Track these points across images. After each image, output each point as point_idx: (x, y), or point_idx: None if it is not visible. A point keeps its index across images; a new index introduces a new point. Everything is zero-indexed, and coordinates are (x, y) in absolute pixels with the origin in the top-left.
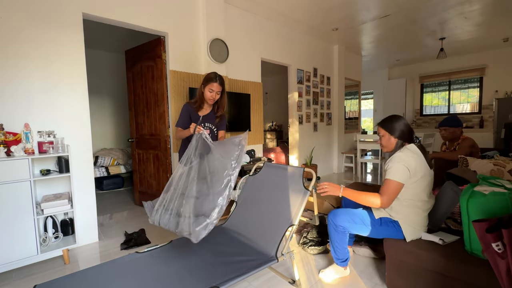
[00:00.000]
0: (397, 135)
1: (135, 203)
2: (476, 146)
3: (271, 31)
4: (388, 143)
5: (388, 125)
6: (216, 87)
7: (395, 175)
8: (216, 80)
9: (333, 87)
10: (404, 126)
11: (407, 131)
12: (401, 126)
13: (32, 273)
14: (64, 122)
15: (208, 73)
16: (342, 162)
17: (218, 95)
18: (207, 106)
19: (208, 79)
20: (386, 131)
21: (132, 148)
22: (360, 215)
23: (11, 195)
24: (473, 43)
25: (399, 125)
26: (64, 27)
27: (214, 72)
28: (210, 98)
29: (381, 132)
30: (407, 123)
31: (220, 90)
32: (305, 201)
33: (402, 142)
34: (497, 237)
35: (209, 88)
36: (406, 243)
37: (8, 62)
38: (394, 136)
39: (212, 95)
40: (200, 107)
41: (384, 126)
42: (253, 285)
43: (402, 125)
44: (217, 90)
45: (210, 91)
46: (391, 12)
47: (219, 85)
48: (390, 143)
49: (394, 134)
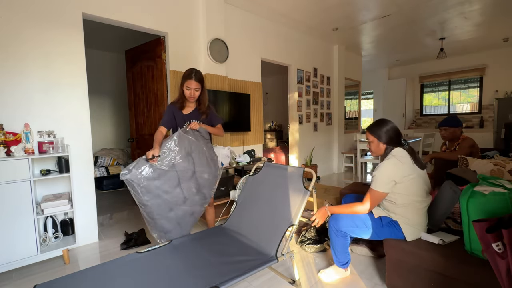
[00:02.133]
0: (385, 141)
1: (135, 203)
2: (476, 146)
3: (271, 31)
4: (378, 149)
5: (377, 131)
6: (194, 84)
7: (378, 185)
8: (192, 77)
9: (333, 87)
10: (392, 131)
11: (395, 135)
12: (389, 132)
13: (32, 273)
14: (64, 122)
15: (186, 70)
16: (342, 162)
17: (197, 91)
18: (190, 104)
19: (185, 76)
20: (375, 137)
21: (132, 148)
22: (362, 218)
23: (11, 195)
24: (473, 43)
25: (387, 130)
26: (64, 27)
27: (190, 69)
28: (190, 96)
29: (370, 138)
30: (395, 127)
31: (198, 86)
32: (305, 201)
33: (391, 147)
34: (497, 237)
35: (187, 86)
36: (406, 243)
37: (8, 62)
38: (383, 142)
39: (190, 92)
40: (182, 106)
41: (373, 132)
42: (253, 285)
43: (390, 131)
44: (195, 87)
45: (188, 89)
46: (391, 12)
47: (196, 81)
48: (379, 149)
49: (382, 140)
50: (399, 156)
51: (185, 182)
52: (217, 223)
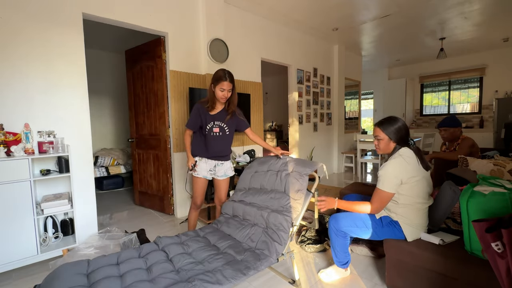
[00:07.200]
0: (396, 139)
1: (135, 203)
2: (476, 146)
3: (271, 31)
4: (387, 147)
5: (389, 128)
6: (227, 85)
7: (385, 185)
8: (226, 79)
9: (333, 87)
10: (403, 130)
11: (405, 134)
12: (401, 130)
13: (32, 273)
14: (64, 122)
15: (217, 71)
16: (342, 162)
17: (230, 93)
18: (219, 105)
19: (218, 78)
20: (386, 135)
21: (132, 148)
22: (362, 218)
23: (11, 195)
24: (473, 43)
25: (399, 129)
26: (64, 27)
27: (222, 70)
28: (222, 97)
29: (381, 135)
30: (406, 126)
31: (231, 87)
32: (307, 203)
33: (399, 146)
34: (497, 237)
35: (220, 88)
36: (406, 243)
37: (8, 62)
38: (393, 140)
39: (223, 94)
40: (212, 107)
41: (385, 129)
42: (253, 285)
43: (403, 130)
44: (228, 88)
45: (221, 90)
46: (391, 12)
47: (230, 82)
48: (388, 147)
49: (393, 138)
50: (405, 156)
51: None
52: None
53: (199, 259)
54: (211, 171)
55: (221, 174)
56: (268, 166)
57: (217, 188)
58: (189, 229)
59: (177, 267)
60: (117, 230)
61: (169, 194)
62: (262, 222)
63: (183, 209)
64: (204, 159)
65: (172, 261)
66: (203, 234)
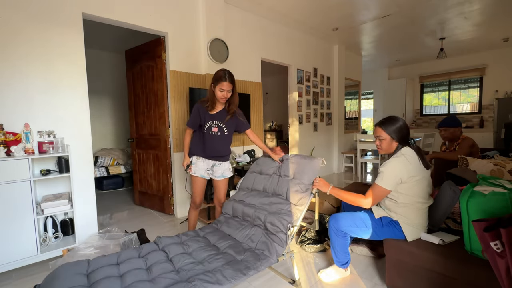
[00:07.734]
0: (398, 139)
1: (135, 203)
2: (476, 146)
3: (271, 31)
4: (389, 147)
5: (391, 128)
6: (227, 85)
7: (384, 182)
8: (226, 79)
9: (333, 87)
10: (404, 129)
11: (406, 134)
12: (402, 130)
13: (32, 273)
14: (64, 122)
15: (217, 71)
16: (342, 162)
17: (230, 93)
18: (219, 105)
19: (218, 78)
20: (388, 134)
21: (132, 148)
22: (362, 218)
23: (11, 195)
24: (473, 43)
25: (400, 128)
26: (64, 27)
27: (223, 70)
28: (222, 97)
29: (383, 135)
30: (406, 124)
31: (231, 88)
32: (308, 203)
33: (401, 146)
34: (495, 236)
35: (220, 88)
36: (406, 243)
37: (8, 62)
38: (395, 140)
39: (223, 94)
40: (212, 107)
41: (387, 129)
42: (253, 285)
43: (404, 128)
44: (228, 89)
45: (221, 91)
46: (391, 12)
47: (230, 83)
48: (391, 147)
49: (395, 138)
50: (407, 156)
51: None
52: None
53: (199, 259)
54: (208, 171)
55: (219, 175)
56: (273, 169)
57: (216, 188)
58: (189, 229)
59: (177, 267)
60: (117, 230)
61: (169, 194)
62: (261, 223)
63: (183, 209)
64: (201, 158)
65: (172, 261)
66: (203, 234)
